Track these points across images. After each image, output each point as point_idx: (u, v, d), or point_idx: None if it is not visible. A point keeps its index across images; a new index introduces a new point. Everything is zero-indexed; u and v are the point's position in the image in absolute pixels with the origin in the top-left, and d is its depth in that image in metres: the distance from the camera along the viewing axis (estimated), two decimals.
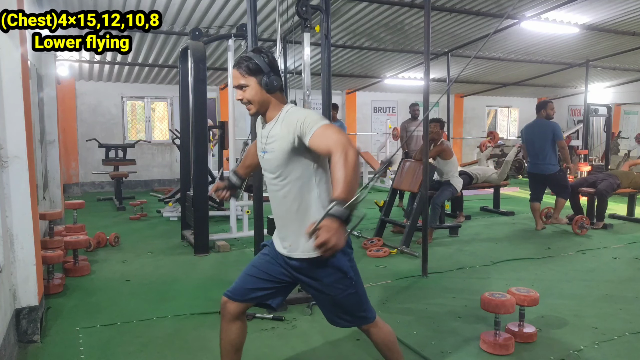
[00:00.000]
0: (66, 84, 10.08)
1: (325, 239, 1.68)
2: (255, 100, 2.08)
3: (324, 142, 1.89)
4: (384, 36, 8.41)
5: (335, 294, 2.16)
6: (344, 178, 1.76)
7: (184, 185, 6.18)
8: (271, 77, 2.05)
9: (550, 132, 6.33)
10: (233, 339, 2.26)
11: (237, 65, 2.08)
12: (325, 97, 4.10)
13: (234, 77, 2.10)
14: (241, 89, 2.09)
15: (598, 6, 7.28)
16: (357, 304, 2.21)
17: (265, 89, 2.06)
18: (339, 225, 1.70)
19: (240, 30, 5.69)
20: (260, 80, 2.05)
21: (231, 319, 2.23)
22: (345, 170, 1.77)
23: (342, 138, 1.86)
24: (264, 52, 2.10)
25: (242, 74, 2.06)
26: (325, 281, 2.15)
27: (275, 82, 2.06)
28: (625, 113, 13.98)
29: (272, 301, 2.25)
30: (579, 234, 6.21)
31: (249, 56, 2.07)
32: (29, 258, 3.11)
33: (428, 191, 4.90)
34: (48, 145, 6.52)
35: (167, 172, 11.58)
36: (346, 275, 2.14)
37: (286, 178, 2.08)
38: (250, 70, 2.05)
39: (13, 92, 2.99)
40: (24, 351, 3.02)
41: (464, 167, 8.14)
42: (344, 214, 1.71)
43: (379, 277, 4.53)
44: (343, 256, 2.14)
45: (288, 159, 2.04)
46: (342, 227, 1.72)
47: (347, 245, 2.19)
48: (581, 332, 3.30)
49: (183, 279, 4.51)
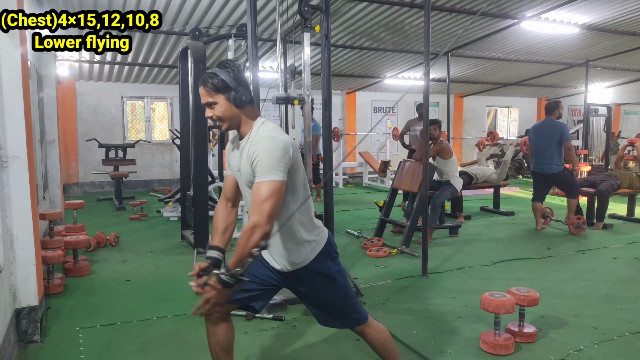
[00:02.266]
0: (66, 84, 10.08)
1: (208, 297, 1.96)
2: (226, 116, 2.03)
3: (253, 199, 1.95)
4: (384, 36, 8.41)
5: (325, 299, 2.18)
6: (239, 251, 1.92)
7: (184, 185, 6.17)
8: (239, 92, 1.99)
9: (558, 132, 6.23)
10: (221, 341, 2.24)
11: (203, 84, 2.01)
12: (325, 97, 4.10)
13: (201, 95, 2.04)
14: (210, 107, 2.03)
15: (598, 6, 7.28)
16: (347, 307, 2.22)
17: (234, 105, 2.01)
18: (222, 288, 1.94)
19: (240, 30, 5.68)
20: (228, 96, 2.00)
21: (215, 321, 2.21)
22: (243, 248, 1.90)
23: (264, 209, 1.89)
24: (229, 66, 2.02)
25: (209, 91, 2.00)
26: (313, 287, 2.16)
27: (244, 97, 2.01)
28: (625, 113, 13.99)
29: (255, 303, 2.23)
30: (576, 234, 6.21)
31: (214, 72, 2.00)
32: (29, 258, 3.11)
33: (428, 191, 4.90)
34: (48, 145, 6.52)
35: (167, 172, 11.58)
36: (334, 280, 2.15)
37: None
38: (216, 88, 1.99)
39: (13, 92, 2.99)
40: (24, 351, 3.02)
41: (464, 167, 8.15)
42: (228, 281, 1.92)
43: (379, 277, 4.53)
44: (329, 261, 2.16)
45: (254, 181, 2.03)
46: (226, 290, 1.95)
47: (333, 251, 2.20)
48: (581, 332, 3.30)
49: (183, 279, 4.50)
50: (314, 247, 2.12)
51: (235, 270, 1.91)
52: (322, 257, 2.13)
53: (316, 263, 2.12)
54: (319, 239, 2.15)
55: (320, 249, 2.13)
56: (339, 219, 7.01)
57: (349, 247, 5.60)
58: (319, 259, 2.12)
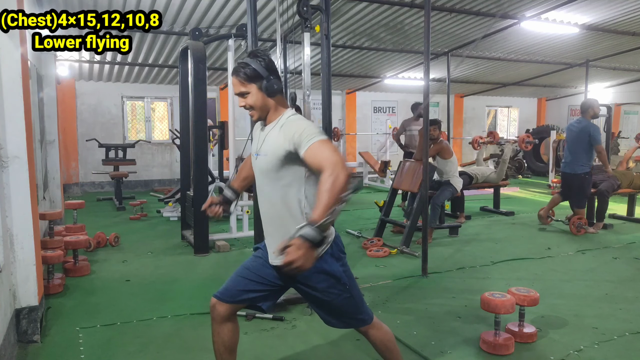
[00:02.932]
0: (66, 84, 10.08)
1: (291, 259, 1.72)
2: (257, 105, 2.06)
3: (317, 158, 1.89)
4: (384, 36, 8.41)
5: (330, 299, 2.16)
6: (326, 201, 1.78)
7: (184, 185, 6.18)
8: (270, 80, 2.02)
9: (587, 134, 6.06)
10: (225, 341, 2.24)
11: (235, 73, 2.04)
12: (325, 97, 4.10)
13: (234, 85, 2.07)
14: (242, 96, 2.06)
15: (598, 6, 7.28)
16: (352, 308, 2.20)
17: (266, 94, 2.04)
18: (308, 247, 1.73)
19: (240, 30, 5.69)
20: (260, 85, 2.03)
21: (221, 320, 2.21)
22: (329, 193, 1.78)
23: (336, 157, 1.86)
24: (260, 55, 2.05)
25: (241, 81, 2.03)
26: (319, 287, 2.14)
27: (276, 86, 2.04)
28: (625, 113, 13.99)
29: (263, 303, 2.23)
30: (577, 234, 6.21)
31: (246, 62, 2.03)
32: (29, 258, 3.11)
33: (428, 191, 4.90)
34: (48, 145, 6.51)
35: (167, 172, 11.57)
36: (339, 280, 2.14)
37: (276, 184, 2.07)
38: (248, 77, 2.02)
39: (13, 92, 2.99)
40: (24, 351, 3.02)
41: (463, 167, 8.14)
42: (315, 236, 1.74)
43: (379, 277, 4.53)
44: (335, 261, 2.14)
45: (280, 165, 2.03)
46: (312, 249, 1.75)
47: (339, 250, 2.18)
48: (581, 332, 3.30)
49: (183, 279, 4.51)
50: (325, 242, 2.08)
51: (323, 220, 1.75)
52: (328, 257, 2.11)
53: (322, 262, 2.10)
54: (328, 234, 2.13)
55: (327, 247, 2.11)
56: (339, 219, 6.99)
57: (349, 247, 5.60)
58: (325, 258, 2.10)
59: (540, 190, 10.82)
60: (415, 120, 8.24)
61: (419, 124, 8.07)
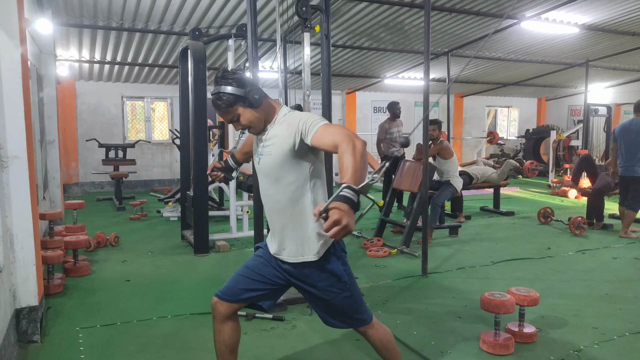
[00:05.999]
0: (66, 84, 10.08)
1: (337, 218, 1.59)
2: (252, 121, 2.06)
3: (328, 137, 1.87)
4: (384, 36, 8.41)
5: (330, 298, 2.16)
6: (353, 165, 1.72)
7: (184, 185, 6.18)
8: (250, 94, 2.00)
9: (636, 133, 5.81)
10: (227, 340, 2.24)
11: (216, 106, 2.03)
12: (325, 97, 4.10)
13: (221, 116, 2.07)
14: (234, 122, 2.06)
15: (598, 6, 7.28)
16: (352, 307, 2.20)
17: (252, 108, 2.03)
18: (349, 208, 1.62)
19: (240, 30, 5.69)
20: (243, 104, 2.02)
21: (222, 319, 2.22)
22: (354, 158, 1.73)
23: (347, 131, 1.87)
24: (227, 77, 2.02)
25: (226, 110, 2.03)
26: (319, 285, 2.14)
27: (257, 95, 2.02)
28: (625, 113, 13.97)
29: (263, 303, 2.24)
30: (577, 234, 6.21)
31: (219, 90, 2.00)
32: (29, 258, 3.11)
33: (428, 191, 4.90)
34: (48, 145, 6.51)
35: (167, 172, 11.58)
36: (340, 279, 2.14)
37: (281, 182, 2.07)
38: (229, 103, 2.01)
39: (13, 92, 2.99)
40: (24, 351, 3.02)
41: (464, 167, 8.14)
42: (354, 197, 1.64)
43: (379, 277, 4.53)
44: (337, 260, 2.14)
45: (284, 161, 2.03)
46: (352, 211, 1.63)
47: (341, 249, 2.19)
48: (581, 332, 3.30)
49: (183, 279, 4.51)
50: (325, 241, 2.10)
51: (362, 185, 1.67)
52: (330, 255, 2.12)
53: (324, 261, 2.11)
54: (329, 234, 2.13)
55: (329, 246, 2.12)
56: None
57: (349, 247, 5.59)
58: (327, 256, 2.11)
59: (540, 190, 10.82)
60: (393, 121, 7.91)
61: (397, 124, 7.97)
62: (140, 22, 7.19)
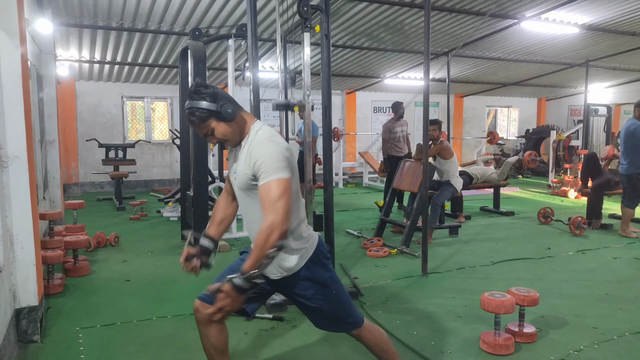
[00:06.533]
0: (66, 84, 10.08)
1: (221, 305, 1.91)
2: (227, 135, 2.05)
3: (264, 200, 1.93)
4: (384, 36, 8.41)
5: (318, 305, 2.16)
6: (256, 255, 1.88)
7: (184, 185, 6.17)
8: (222, 107, 1.98)
9: (631, 132, 5.99)
10: (214, 343, 2.22)
11: (190, 123, 2.03)
12: (325, 97, 4.10)
13: (196, 130, 2.07)
14: (209, 135, 2.05)
15: (598, 6, 7.28)
16: (341, 312, 2.21)
17: (226, 122, 2.02)
18: (236, 294, 1.89)
19: (240, 30, 5.69)
20: (217, 117, 2.00)
21: (206, 323, 2.19)
22: (261, 250, 1.87)
23: (279, 208, 1.88)
24: (199, 92, 1.99)
25: (199, 125, 2.02)
26: (305, 294, 2.15)
27: (230, 109, 2.00)
28: (625, 113, 13.97)
29: (247, 306, 2.22)
30: (577, 234, 6.21)
31: (192, 106, 1.98)
32: (29, 258, 3.11)
33: (428, 191, 4.90)
34: (48, 145, 6.51)
35: (167, 172, 11.57)
36: (325, 286, 2.14)
37: (252, 201, 2.08)
38: (202, 118, 1.99)
39: (13, 92, 2.99)
40: (24, 351, 3.02)
41: (464, 167, 8.14)
42: (243, 285, 1.88)
43: (379, 277, 4.53)
44: (320, 268, 2.15)
45: (251, 184, 2.04)
46: (239, 295, 1.91)
47: (323, 256, 2.18)
48: (581, 332, 3.30)
49: (183, 279, 4.51)
50: (302, 254, 2.11)
51: (251, 272, 1.87)
52: (311, 264, 2.12)
53: (306, 270, 2.11)
54: (307, 245, 2.13)
55: (309, 256, 2.12)
56: (339, 219, 7.00)
57: (349, 247, 5.60)
58: (308, 266, 2.12)
59: (540, 190, 10.82)
60: (397, 121, 7.88)
61: (402, 124, 7.96)
62: (140, 22, 7.19)
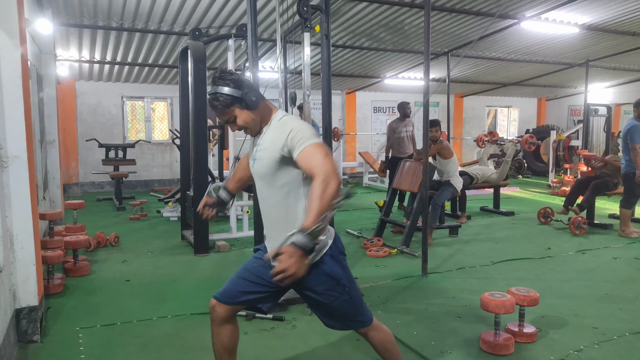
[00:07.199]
0: (66, 84, 10.08)
1: (284, 267, 1.75)
2: (248, 123, 2.06)
3: (309, 163, 1.90)
4: (384, 36, 8.42)
5: (329, 301, 2.15)
6: (317, 208, 1.80)
7: (184, 185, 6.17)
8: (247, 95, 2.00)
9: (626, 132, 6.06)
10: (225, 342, 2.22)
11: (213, 107, 2.03)
12: (325, 97, 4.10)
13: (218, 117, 2.07)
14: (230, 122, 2.06)
15: (598, 6, 7.29)
16: (352, 310, 2.19)
17: (249, 109, 2.03)
18: (300, 254, 1.76)
19: (240, 30, 5.69)
20: (240, 105, 2.01)
21: (221, 322, 2.19)
22: (320, 201, 1.80)
23: (327, 164, 1.86)
24: (225, 77, 2.01)
25: (223, 110, 2.02)
26: (318, 289, 2.13)
27: (254, 97, 2.01)
28: (625, 113, 13.97)
29: (263, 305, 2.22)
30: (577, 234, 6.20)
31: (216, 91, 2.00)
32: (29, 258, 3.11)
33: (428, 191, 4.90)
34: (48, 145, 6.51)
35: (167, 172, 11.57)
36: (339, 282, 2.12)
37: (275, 187, 2.07)
38: (226, 104, 2.00)
39: (13, 92, 2.99)
40: (24, 351, 3.02)
41: (464, 167, 8.13)
42: (306, 244, 1.77)
43: (379, 277, 4.53)
44: (335, 263, 2.13)
45: (277, 167, 2.03)
46: (303, 256, 1.77)
47: (339, 252, 2.17)
48: (581, 332, 3.30)
49: (183, 279, 4.51)
50: (321, 246, 2.08)
51: (314, 227, 1.77)
52: (328, 258, 2.10)
53: (321, 264, 2.09)
54: (325, 238, 2.10)
55: (326, 249, 2.10)
56: (339, 219, 7.00)
57: (349, 247, 5.60)
58: (324, 259, 2.09)
59: (540, 191, 10.82)
60: (401, 121, 7.88)
61: (406, 124, 7.96)
62: (140, 22, 7.20)
